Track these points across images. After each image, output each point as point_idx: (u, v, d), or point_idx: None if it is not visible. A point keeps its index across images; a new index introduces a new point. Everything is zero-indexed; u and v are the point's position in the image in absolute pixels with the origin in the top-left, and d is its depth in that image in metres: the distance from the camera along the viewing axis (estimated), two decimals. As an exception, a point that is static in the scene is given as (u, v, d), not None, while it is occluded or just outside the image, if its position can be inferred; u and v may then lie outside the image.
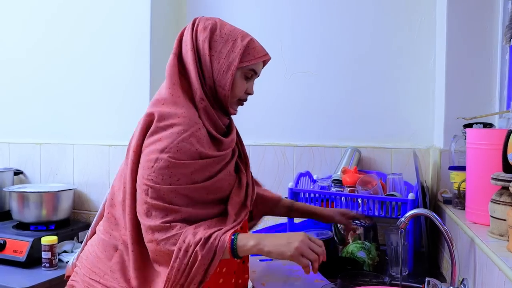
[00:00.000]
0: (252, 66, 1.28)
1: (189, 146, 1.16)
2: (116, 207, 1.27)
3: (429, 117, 2.09)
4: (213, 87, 1.26)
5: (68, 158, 2.53)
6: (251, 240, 1.15)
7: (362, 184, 1.83)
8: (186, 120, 1.18)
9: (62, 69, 2.56)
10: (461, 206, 1.60)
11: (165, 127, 1.18)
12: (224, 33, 1.26)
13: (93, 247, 1.29)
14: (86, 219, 2.48)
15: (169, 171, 1.15)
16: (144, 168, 1.17)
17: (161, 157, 1.15)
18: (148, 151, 1.18)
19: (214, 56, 1.24)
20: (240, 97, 1.31)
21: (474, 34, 1.86)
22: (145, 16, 2.33)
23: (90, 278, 1.23)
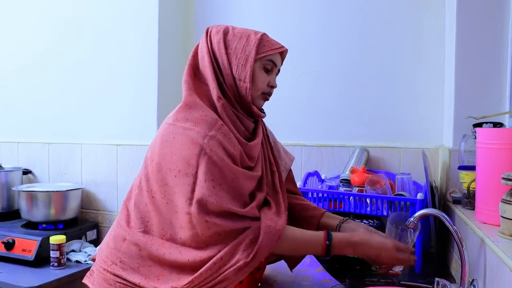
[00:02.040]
0: (270, 57, 1.30)
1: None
2: (131, 200, 1.30)
3: (438, 117, 2.07)
4: (233, 84, 1.27)
5: (76, 158, 2.54)
6: (346, 249, 1.27)
7: (370, 184, 1.82)
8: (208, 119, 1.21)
9: (70, 69, 2.57)
10: (470, 206, 1.59)
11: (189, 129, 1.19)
12: (237, 32, 1.30)
13: (106, 238, 1.33)
14: (94, 218, 2.49)
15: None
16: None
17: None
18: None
19: (230, 53, 1.27)
20: (263, 90, 1.32)
21: (484, 32, 1.84)
22: (153, 16, 2.33)
23: (100, 266, 1.28)
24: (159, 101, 2.33)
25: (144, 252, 1.22)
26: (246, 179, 1.23)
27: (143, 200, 1.25)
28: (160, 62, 2.33)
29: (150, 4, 2.33)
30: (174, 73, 2.38)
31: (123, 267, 1.23)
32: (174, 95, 2.39)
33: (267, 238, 1.17)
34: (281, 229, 1.20)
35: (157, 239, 1.22)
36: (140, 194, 1.26)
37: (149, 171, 1.25)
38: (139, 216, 1.25)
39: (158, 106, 2.33)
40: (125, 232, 1.26)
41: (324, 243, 1.25)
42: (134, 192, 1.29)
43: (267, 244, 1.17)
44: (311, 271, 1.62)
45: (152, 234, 1.23)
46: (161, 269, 1.20)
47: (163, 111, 2.33)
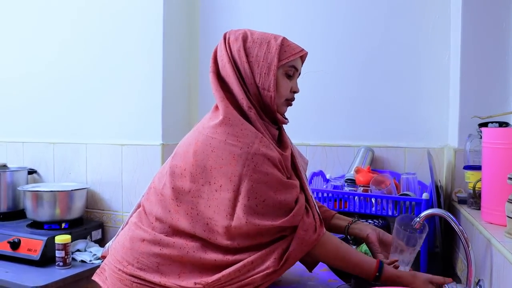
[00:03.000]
0: (292, 63, 1.30)
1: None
2: (151, 203, 1.30)
3: (444, 116, 2.06)
4: (257, 93, 1.26)
5: (81, 158, 2.54)
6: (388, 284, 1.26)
7: (375, 184, 1.82)
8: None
9: (75, 69, 2.58)
10: (476, 206, 1.58)
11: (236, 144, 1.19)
12: (256, 38, 1.28)
13: (122, 237, 1.33)
14: (99, 218, 2.49)
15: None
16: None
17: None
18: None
19: (252, 61, 1.26)
20: (287, 97, 1.32)
21: (489, 31, 1.83)
22: (158, 16, 2.32)
23: (115, 266, 1.27)
24: (164, 101, 2.33)
25: (164, 251, 1.22)
26: (291, 188, 1.24)
27: (167, 207, 1.25)
28: (164, 62, 2.32)
29: (155, 5, 2.33)
30: (179, 73, 2.38)
31: (140, 267, 1.23)
32: (179, 95, 2.40)
33: (298, 248, 1.21)
34: (314, 241, 1.23)
35: (181, 241, 1.22)
36: (163, 200, 1.26)
37: (176, 179, 1.24)
38: (162, 221, 1.25)
39: (163, 106, 2.32)
40: (145, 233, 1.26)
41: (375, 273, 1.27)
42: (156, 197, 1.29)
43: (296, 254, 1.21)
44: (317, 271, 1.61)
45: (175, 238, 1.23)
46: (182, 267, 1.21)
47: (168, 111, 2.33)
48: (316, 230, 1.24)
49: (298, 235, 1.20)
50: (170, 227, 1.24)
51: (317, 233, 1.24)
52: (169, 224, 1.25)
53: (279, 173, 1.22)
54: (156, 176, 1.35)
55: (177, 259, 1.21)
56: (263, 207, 1.17)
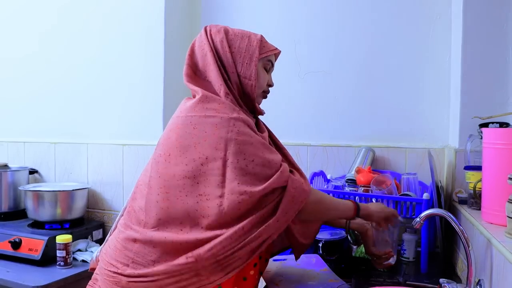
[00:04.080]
0: (269, 58, 1.38)
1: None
2: (138, 200, 1.29)
3: (444, 116, 2.06)
4: (238, 81, 1.32)
5: (82, 158, 2.55)
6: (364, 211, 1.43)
7: (376, 184, 1.82)
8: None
9: (76, 68, 2.58)
10: (476, 207, 1.58)
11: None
12: (237, 32, 1.36)
13: (113, 241, 1.31)
14: (100, 218, 2.49)
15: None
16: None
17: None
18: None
19: (234, 52, 1.32)
20: (264, 89, 1.40)
21: (491, 32, 1.83)
22: (159, 15, 2.33)
23: (109, 270, 1.24)
24: (165, 100, 2.33)
25: (159, 247, 1.21)
26: (275, 152, 1.28)
27: (154, 197, 1.24)
28: (166, 62, 2.33)
29: (156, 4, 2.33)
30: (180, 73, 2.33)
31: (136, 267, 1.21)
32: (180, 95, 2.36)
33: (289, 205, 1.22)
34: (304, 198, 1.25)
35: (171, 233, 1.21)
36: (150, 193, 1.25)
37: (161, 167, 1.25)
38: (151, 215, 1.24)
39: (164, 105, 2.33)
40: (136, 233, 1.24)
41: (354, 204, 1.41)
42: (143, 192, 1.28)
43: (288, 211, 1.22)
44: (317, 271, 1.61)
45: (167, 230, 1.22)
46: (176, 253, 1.19)
47: (169, 111, 2.33)
48: (304, 187, 1.27)
49: (288, 193, 1.22)
50: (161, 218, 1.22)
51: (307, 189, 1.27)
52: (160, 216, 1.22)
53: (260, 137, 1.25)
54: (141, 176, 1.35)
55: (172, 249, 1.20)
56: (253, 166, 1.19)
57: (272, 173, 1.22)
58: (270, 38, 1.46)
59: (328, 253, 1.79)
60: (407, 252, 1.83)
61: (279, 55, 1.44)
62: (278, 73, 2.23)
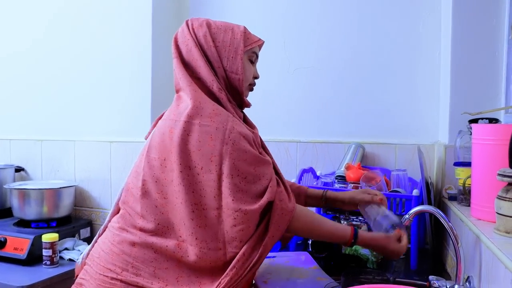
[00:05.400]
0: (254, 49, 1.36)
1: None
2: (130, 204, 1.26)
3: (434, 112, 2.06)
4: (225, 76, 1.30)
5: (70, 155, 2.51)
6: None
7: (365, 181, 1.80)
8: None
9: (63, 65, 2.55)
10: (466, 203, 1.58)
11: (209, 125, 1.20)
12: (220, 25, 1.32)
13: (106, 244, 1.27)
14: (88, 216, 2.46)
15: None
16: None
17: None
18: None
19: (219, 46, 1.29)
20: (250, 82, 1.37)
21: (480, 28, 1.83)
22: (147, 13, 2.31)
23: (105, 275, 1.21)
24: (153, 97, 2.31)
25: (159, 254, 1.19)
26: (267, 164, 1.26)
27: (151, 202, 1.22)
28: (153, 58, 2.31)
29: (144, 1, 2.30)
30: (168, 69, 2.32)
31: (136, 273, 1.19)
32: (168, 91, 2.36)
33: (280, 219, 1.22)
34: (292, 208, 1.25)
35: (172, 240, 1.19)
36: (146, 197, 1.23)
37: (157, 172, 1.22)
38: (150, 219, 1.21)
39: (152, 102, 2.31)
40: (134, 236, 1.22)
41: (351, 238, 1.33)
42: (136, 196, 1.25)
43: (279, 225, 1.22)
44: (306, 269, 1.60)
45: (167, 236, 1.20)
46: (179, 271, 1.19)
47: (157, 107, 2.31)
48: (290, 199, 1.27)
49: (276, 207, 1.22)
50: (159, 224, 1.21)
51: (292, 202, 1.27)
52: (159, 221, 1.21)
53: (254, 150, 1.24)
54: (130, 177, 1.32)
55: (172, 262, 1.19)
56: (245, 184, 1.18)
57: (263, 188, 1.22)
58: (259, 33, 1.43)
59: (318, 251, 1.78)
60: (396, 249, 1.81)
61: (262, 45, 1.41)
62: (267, 69, 2.22)
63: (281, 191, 1.26)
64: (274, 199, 1.22)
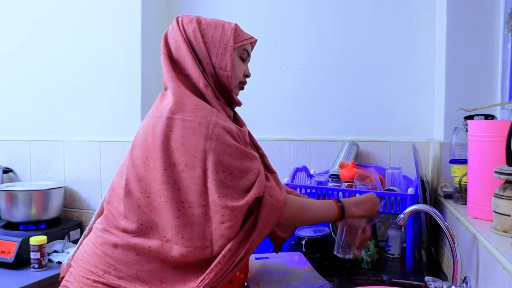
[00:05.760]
0: (245, 47, 1.34)
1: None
2: (114, 204, 1.23)
3: (429, 109, 2.04)
4: (213, 73, 1.28)
5: (59, 155, 2.47)
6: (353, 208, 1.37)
7: (360, 179, 1.77)
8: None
9: (51, 64, 2.50)
10: (462, 201, 1.55)
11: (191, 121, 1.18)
12: (210, 22, 1.30)
13: (90, 246, 1.24)
14: (78, 217, 2.43)
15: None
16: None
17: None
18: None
19: (208, 42, 1.27)
20: (241, 80, 1.35)
21: (475, 23, 1.80)
22: (136, 11, 2.27)
23: (87, 278, 1.18)
24: (142, 95, 2.28)
25: (142, 256, 1.16)
26: (255, 159, 1.23)
27: (134, 202, 1.19)
28: (143, 56, 2.27)
29: None
30: (158, 67, 2.26)
31: (118, 275, 1.16)
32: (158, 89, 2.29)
33: (269, 215, 1.19)
34: (282, 203, 1.22)
35: (155, 241, 1.16)
36: (129, 197, 1.20)
37: (140, 170, 1.19)
38: (132, 220, 1.18)
39: (142, 101, 2.27)
40: (116, 238, 1.19)
41: (338, 205, 1.34)
42: (120, 196, 1.22)
43: (268, 221, 1.19)
44: (299, 270, 1.57)
45: (150, 237, 1.17)
46: (162, 272, 1.16)
47: (147, 106, 2.25)
48: (281, 191, 1.25)
49: (265, 202, 1.19)
50: (142, 224, 1.18)
51: (283, 194, 1.25)
52: (142, 221, 1.18)
53: (240, 144, 1.21)
54: (115, 177, 1.29)
55: (156, 263, 1.16)
56: (231, 179, 1.16)
57: (250, 183, 1.19)
58: (251, 30, 1.42)
59: (311, 251, 1.76)
60: (392, 249, 1.80)
61: (255, 44, 1.39)
62: (259, 66, 2.21)
63: (271, 186, 1.23)
64: (264, 195, 1.20)
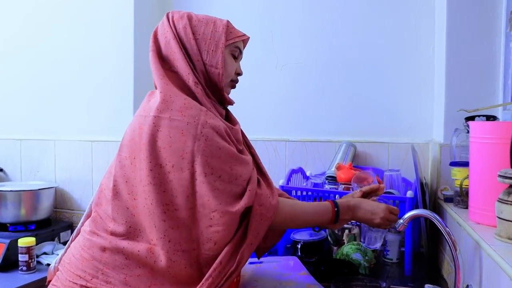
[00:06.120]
0: (237, 44, 1.30)
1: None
2: (103, 206, 1.19)
3: (428, 110, 2.00)
4: (204, 70, 1.24)
5: (50, 155, 2.43)
6: (347, 214, 1.30)
7: (357, 181, 1.72)
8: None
9: (42, 62, 2.46)
10: (463, 205, 1.51)
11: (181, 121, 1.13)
12: (202, 18, 1.27)
13: (77, 249, 1.20)
14: (69, 218, 2.38)
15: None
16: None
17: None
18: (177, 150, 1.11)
19: (199, 38, 1.24)
20: (232, 78, 1.31)
21: (476, 20, 1.75)
22: (129, 10, 2.24)
23: (74, 283, 1.14)
24: (135, 94, 2.24)
25: (131, 260, 1.12)
26: (245, 164, 1.19)
27: (122, 204, 1.15)
28: (135, 54, 2.23)
29: (126, -3, 2.24)
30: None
31: (107, 280, 1.11)
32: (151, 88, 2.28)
33: (258, 226, 1.16)
34: (272, 213, 1.18)
35: (144, 244, 1.12)
36: (117, 199, 1.16)
37: (127, 171, 1.15)
38: (121, 222, 1.14)
39: (135, 99, 2.23)
40: (104, 241, 1.15)
41: (333, 210, 1.28)
42: (107, 197, 1.18)
43: (258, 232, 1.16)
44: (295, 275, 1.52)
45: (138, 240, 1.13)
46: (152, 278, 1.11)
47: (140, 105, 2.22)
48: (273, 195, 1.21)
49: (255, 212, 1.15)
50: (131, 226, 1.14)
51: (274, 199, 1.21)
52: (130, 224, 1.14)
53: (230, 146, 1.17)
54: (104, 179, 1.25)
55: (145, 268, 1.12)
56: (220, 183, 1.12)
57: (239, 190, 1.15)
58: (246, 27, 1.38)
59: (307, 255, 1.73)
60: (390, 253, 1.75)
61: (247, 41, 1.35)
62: (254, 64, 2.17)
63: (261, 194, 1.18)
64: (253, 204, 1.16)
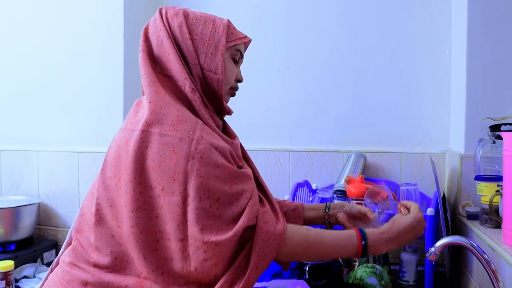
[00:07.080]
0: (238, 47, 1.18)
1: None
2: (85, 233, 1.05)
3: (444, 117, 1.88)
4: (201, 75, 1.11)
5: (33, 167, 2.30)
6: (382, 247, 1.10)
7: (371, 196, 1.56)
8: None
9: (25, 67, 2.34)
10: (491, 224, 1.38)
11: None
12: (199, 16, 1.15)
13: (55, 283, 1.05)
14: (53, 236, 2.25)
15: None
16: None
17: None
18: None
19: (196, 39, 1.11)
20: (232, 85, 1.20)
21: (501, 18, 1.61)
22: (118, 9, 2.13)
23: None
24: (125, 102, 2.13)
25: None
26: (246, 180, 1.06)
27: (107, 231, 1.01)
28: (126, 57, 2.13)
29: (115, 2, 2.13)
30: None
31: None
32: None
33: (265, 245, 1.00)
34: (281, 231, 1.03)
35: (133, 278, 0.98)
36: (101, 225, 1.01)
37: (112, 194, 1.00)
38: (105, 252, 1.00)
39: (125, 106, 2.11)
40: (87, 274, 1.00)
41: (360, 242, 1.08)
42: (90, 223, 1.03)
43: (265, 252, 1.00)
44: None
45: (126, 273, 0.99)
46: None
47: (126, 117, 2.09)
48: (278, 219, 1.07)
49: (259, 231, 1.00)
50: (117, 257, 1.00)
51: (280, 222, 1.06)
52: (116, 254, 1.00)
53: (231, 165, 1.03)
54: (85, 200, 1.10)
55: None
56: (218, 206, 0.98)
57: (240, 210, 1.00)
58: (247, 29, 1.26)
59: (315, 278, 1.62)
60: (406, 275, 1.61)
61: (249, 44, 1.23)
62: (255, 69, 2.05)
63: (266, 211, 1.04)
64: (257, 222, 1.00)
